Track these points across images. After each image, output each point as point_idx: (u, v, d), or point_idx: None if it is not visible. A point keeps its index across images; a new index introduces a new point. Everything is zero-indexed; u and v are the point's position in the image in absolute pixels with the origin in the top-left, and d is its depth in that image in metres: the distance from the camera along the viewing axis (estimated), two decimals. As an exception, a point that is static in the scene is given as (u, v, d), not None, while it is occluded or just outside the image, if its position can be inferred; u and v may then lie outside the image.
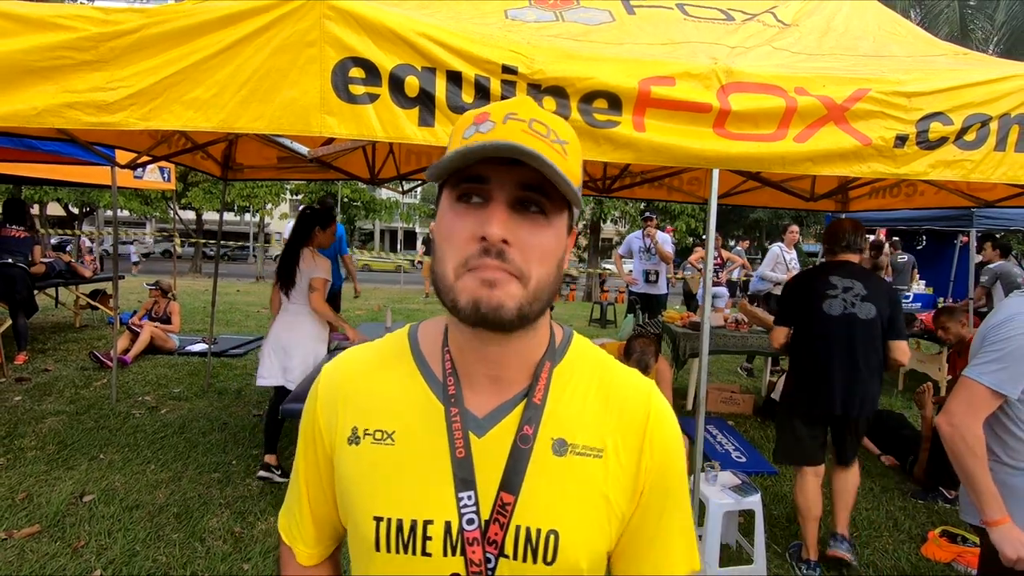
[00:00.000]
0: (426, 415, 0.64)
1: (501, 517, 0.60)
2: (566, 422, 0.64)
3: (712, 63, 1.98)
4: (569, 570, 0.61)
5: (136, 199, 19.38)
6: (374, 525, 0.61)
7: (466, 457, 0.62)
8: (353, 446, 0.65)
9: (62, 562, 2.46)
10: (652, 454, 0.65)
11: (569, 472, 0.62)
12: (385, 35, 1.80)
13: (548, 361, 0.66)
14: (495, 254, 0.55)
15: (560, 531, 0.60)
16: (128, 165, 3.97)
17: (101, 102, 1.74)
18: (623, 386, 0.68)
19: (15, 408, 4.27)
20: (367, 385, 0.68)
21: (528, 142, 0.54)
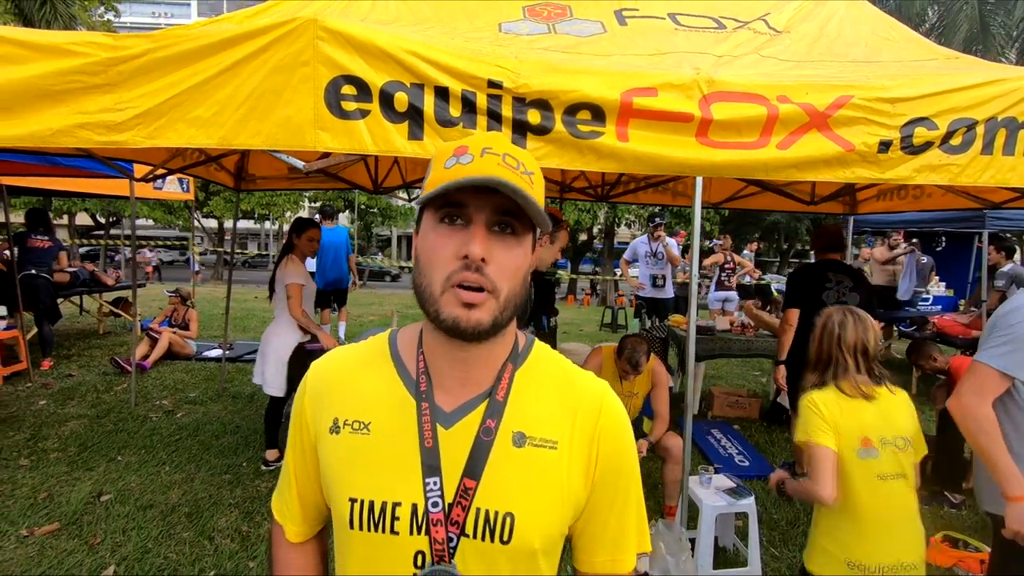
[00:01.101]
0: (399, 409, 0.72)
1: (464, 500, 0.68)
2: (525, 417, 0.72)
3: (695, 73, 2.03)
4: (524, 549, 0.68)
5: (160, 208, 19.91)
6: (349, 505, 0.69)
7: (434, 447, 0.69)
8: (334, 435, 0.73)
9: (79, 558, 2.58)
10: (602, 446, 0.73)
11: (526, 462, 0.70)
12: (375, 53, 1.88)
13: (511, 364, 0.74)
14: (475, 269, 0.64)
15: (516, 514, 0.68)
16: (144, 178, 4.13)
17: (110, 122, 1.85)
18: (579, 386, 0.76)
19: (40, 412, 4.45)
20: (349, 381, 0.76)
21: (504, 174, 0.63)
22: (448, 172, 0.65)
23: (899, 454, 1.69)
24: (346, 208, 21.73)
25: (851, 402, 1.74)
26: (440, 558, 0.67)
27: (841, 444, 1.70)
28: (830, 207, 5.03)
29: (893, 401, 1.76)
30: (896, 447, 1.70)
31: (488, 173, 0.63)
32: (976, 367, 1.65)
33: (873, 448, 1.69)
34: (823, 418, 1.72)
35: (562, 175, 5.05)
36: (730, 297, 7.06)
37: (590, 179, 5.10)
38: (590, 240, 19.68)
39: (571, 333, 9.25)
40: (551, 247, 2.98)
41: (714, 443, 4.22)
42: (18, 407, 4.53)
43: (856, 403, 1.74)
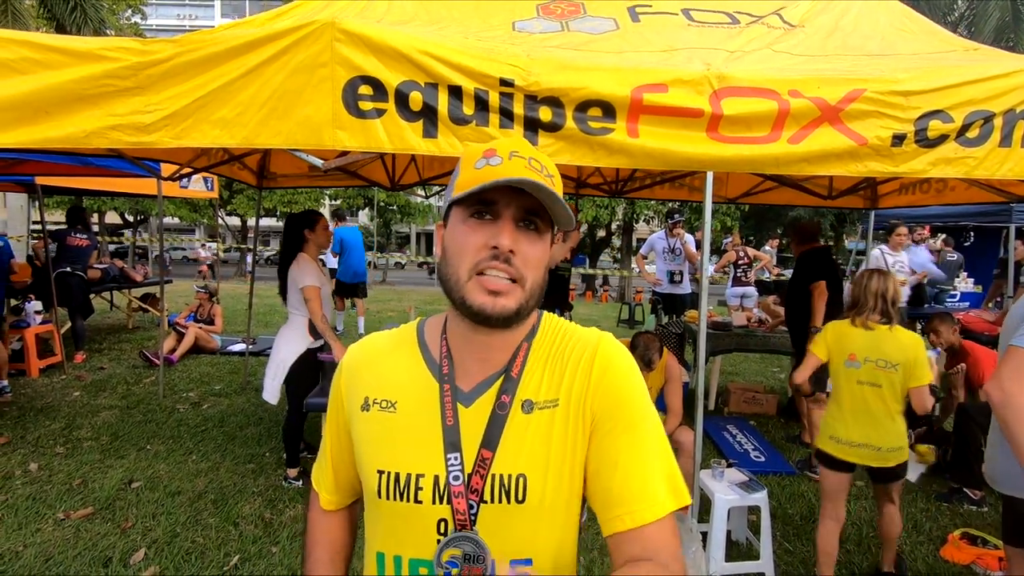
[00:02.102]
0: (423, 390, 0.78)
1: (481, 469, 0.73)
2: (532, 385, 0.77)
3: (705, 69, 2.04)
4: (536, 505, 0.73)
5: (185, 207, 20.38)
6: (377, 477, 0.76)
7: (454, 425, 0.75)
8: (364, 412, 0.80)
9: (112, 541, 2.70)
10: (596, 393, 0.75)
11: (534, 426, 0.75)
12: (390, 54, 1.94)
13: (526, 342, 0.80)
14: (503, 259, 0.69)
15: (527, 474, 0.73)
16: (171, 177, 4.27)
17: (140, 124, 1.94)
18: (575, 341, 0.80)
19: (74, 402, 4.63)
20: (380, 364, 0.83)
21: (533, 176, 0.69)
22: (480, 173, 0.70)
23: (877, 370, 2.33)
24: (366, 205, 21.96)
25: (852, 329, 2.41)
26: (462, 526, 0.73)
27: (833, 356, 2.45)
28: (850, 201, 4.96)
29: (887, 335, 2.36)
30: (876, 365, 2.33)
31: (518, 175, 0.68)
32: (1015, 352, 1.59)
33: (856, 362, 2.38)
34: (823, 337, 2.49)
35: (578, 171, 5.06)
36: (748, 293, 7.00)
37: (605, 175, 5.11)
38: (608, 236, 19.61)
39: (588, 329, 9.26)
40: (562, 245, 3.00)
41: (729, 439, 4.21)
42: (54, 398, 4.72)
43: (856, 331, 2.40)
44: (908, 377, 2.29)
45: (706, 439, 4.23)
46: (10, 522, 2.82)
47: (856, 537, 2.99)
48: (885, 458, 2.32)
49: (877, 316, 2.38)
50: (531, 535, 0.74)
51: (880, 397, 2.32)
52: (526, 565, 0.74)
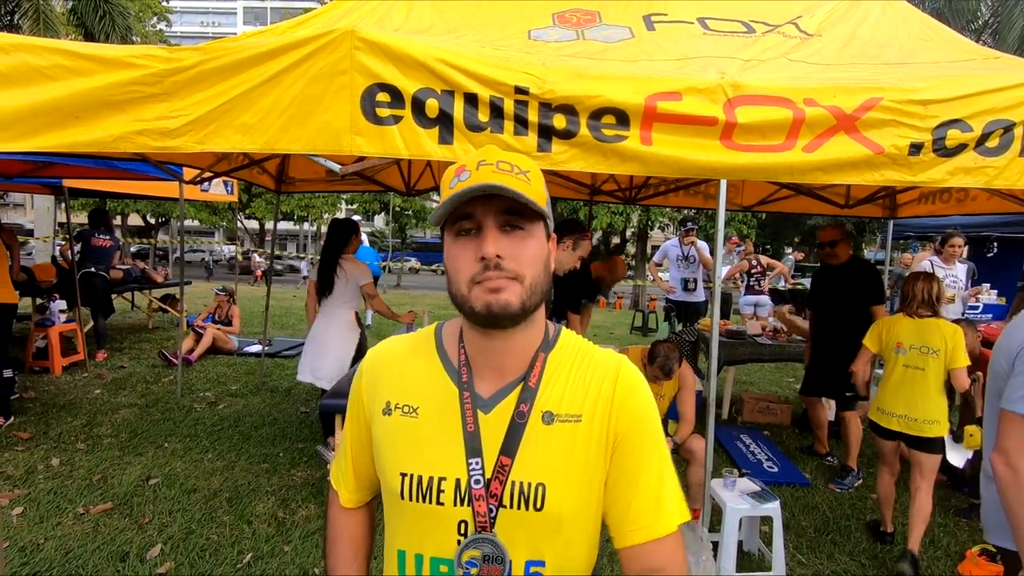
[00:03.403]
0: (444, 396, 0.80)
1: (501, 475, 0.76)
2: (553, 398, 0.79)
3: (719, 77, 2.05)
4: (554, 515, 0.75)
5: (205, 210, 20.76)
6: (400, 479, 0.78)
7: (475, 431, 0.77)
8: (386, 416, 0.82)
9: (129, 536, 2.76)
10: (619, 414, 0.79)
11: (555, 437, 0.77)
12: (408, 62, 1.97)
13: (543, 352, 0.81)
14: (494, 267, 0.71)
15: (547, 483, 0.75)
16: (193, 180, 4.37)
17: (165, 129, 2.00)
18: (598, 363, 0.82)
19: (95, 400, 4.73)
20: (400, 368, 0.85)
21: (498, 179, 0.71)
22: (452, 191, 0.73)
23: (921, 356, 2.81)
24: (382, 210, 22.18)
25: (901, 321, 2.91)
26: (482, 528, 0.75)
27: (885, 344, 2.95)
28: (868, 210, 4.91)
29: (932, 325, 2.82)
30: (920, 351, 2.81)
31: (480, 181, 0.71)
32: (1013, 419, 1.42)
33: (903, 348, 2.86)
34: (876, 331, 3.01)
35: (592, 178, 5.08)
36: (761, 301, 6.93)
37: (619, 182, 5.11)
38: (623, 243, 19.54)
39: (601, 336, 9.24)
40: (571, 253, 2.99)
41: (743, 448, 4.17)
42: (75, 395, 4.83)
43: (904, 322, 2.89)
44: (949, 360, 2.76)
45: (719, 448, 4.19)
46: (32, 515, 2.89)
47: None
48: (920, 428, 2.77)
49: (924, 309, 2.86)
50: (549, 540, 0.76)
51: (923, 378, 2.79)
52: (540, 566, 0.76)
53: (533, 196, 0.73)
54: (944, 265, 5.22)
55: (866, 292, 3.69)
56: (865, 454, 4.26)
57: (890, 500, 3.04)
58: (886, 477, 3.03)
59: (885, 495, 3.04)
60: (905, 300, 2.93)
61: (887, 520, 3.04)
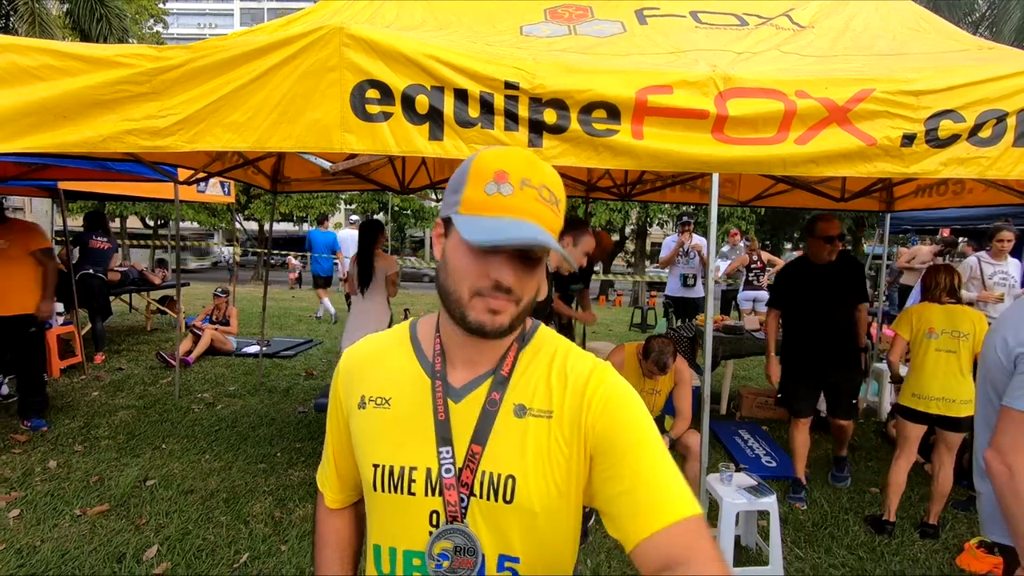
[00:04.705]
0: (416, 386, 0.80)
1: (471, 464, 0.76)
2: (526, 391, 0.79)
3: (710, 70, 2.04)
4: (524, 508, 0.75)
5: (204, 211, 20.71)
6: (373, 470, 0.78)
7: (446, 420, 0.78)
8: (361, 410, 0.82)
9: (126, 537, 2.76)
10: (593, 417, 0.76)
11: (526, 430, 0.76)
12: (397, 58, 1.96)
13: (516, 343, 0.82)
14: (504, 291, 0.71)
15: (516, 476, 0.75)
16: (187, 181, 4.36)
17: (154, 128, 1.99)
18: (575, 364, 0.81)
19: (93, 402, 4.73)
20: (374, 363, 0.85)
21: (539, 212, 0.70)
22: (490, 200, 0.69)
23: (952, 339, 2.94)
24: (380, 210, 22.16)
25: (930, 308, 3.03)
26: (453, 518, 0.75)
27: (916, 330, 3.04)
28: (864, 204, 4.90)
29: (959, 312, 2.99)
30: (951, 335, 2.94)
31: (525, 217, 0.69)
32: (1012, 415, 1.37)
33: (935, 333, 2.97)
34: (907, 319, 3.10)
35: (588, 174, 5.07)
36: (760, 297, 6.90)
37: (615, 178, 5.10)
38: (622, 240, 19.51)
39: (600, 333, 9.23)
40: (574, 249, 2.96)
41: (741, 443, 4.17)
42: (73, 397, 4.83)
43: (934, 309, 3.02)
44: (976, 343, 2.89)
45: (717, 444, 4.19)
46: (29, 517, 2.89)
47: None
48: (958, 409, 2.89)
49: (949, 297, 3.03)
50: (521, 534, 0.76)
51: (956, 360, 2.92)
52: (514, 563, 0.75)
53: (556, 232, 0.73)
54: (993, 261, 4.76)
55: (856, 290, 3.45)
56: (865, 447, 4.27)
57: (901, 489, 3.07)
58: (902, 464, 3.06)
59: (898, 483, 3.06)
60: (929, 289, 3.08)
61: (892, 509, 3.07)
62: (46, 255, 4.05)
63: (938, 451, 3.04)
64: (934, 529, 3.02)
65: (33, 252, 3.97)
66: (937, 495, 3.04)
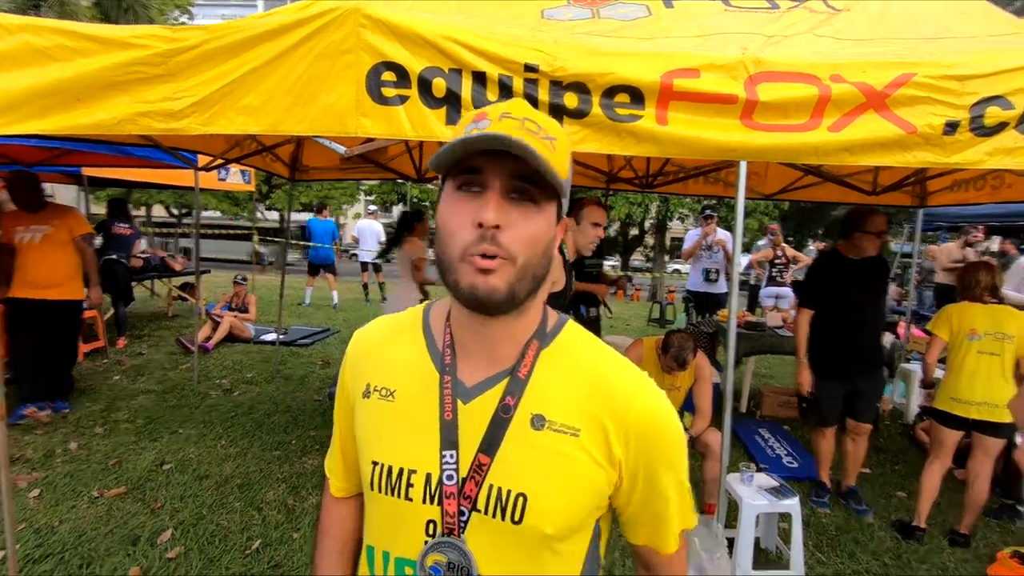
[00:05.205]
0: (424, 379, 0.73)
1: (477, 476, 0.67)
2: (547, 400, 0.69)
3: (740, 53, 1.95)
4: (534, 531, 0.66)
5: (227, 200, 20.98)
6: (371, 468, 0.72)
7: (453, 420, 0.69)
8: (365, 399, 0.76)
9: (141, 520, 2.78)
10: (634, 441, 0.69)
11: (544, 445, 0.68)
12: (414, 40, 1.91)
13: (536, 341, 0.72)
14: (490, 238, 0.62)
15: (529, 495, 0.66)
16: (206, 167, 4.37)
17: (169, 110, 1.96)
18: (615, 379, 0.72)
19: (114, 386, 4.80)
20: (382, 350, 0.78)
21: (520, 136, 0.61)
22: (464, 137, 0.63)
23: (995, 341, 2.81)
24: (399, 200, 22.22)
25: (972, 308, 2.89)
26: (450, 530, 0.67)
27: (956, 331, 2.90)
28: (896, 198, 4.72)
29: (1003, 312, 2.86)
30: (995, 337, 2.81)
31: (504, 134, 0.61)
32: None
33: (977, 335, 2.84)
34: (946, 320, 2.94)
35: (608, 164, 4.97)
36: (783, 294, 6.74)
37: (636, 168, 4.99)
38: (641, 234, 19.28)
39: (618, 327, 9.13)
40: (580, 228, 2.79)
41: (761, 443, 4.07)
42: (95, 381, 4.90)
43: (976, 309, 2.88)
44: (1020, 346, 2.79)
45: (737, 443, 4.09)
46: (48, 498, 2.93)
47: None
48: (1000, 414, 2.77)
49: (991, 296, 2.91)
50: (525, 559, 0.67)
51: (999, 363, 2.80)
52: None
53: (555, 166, 0.63)
54: None
55: (885, 288, 3.35)
56: (891, 450, 4.14)
57: (934, 495, 2.96)
58: (936, 469, 2.95)
59: (931, 489, 2.95)
60: (969, 288, 2.94)
61: (923, 515, 2.96)
62: (87, 241, 4.10)
63: (975, 458, 2.90)
64: (965, 538, 2.89)
65: (75, 238, 4.01)
66: (971, 504, 2.91)
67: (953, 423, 2.87)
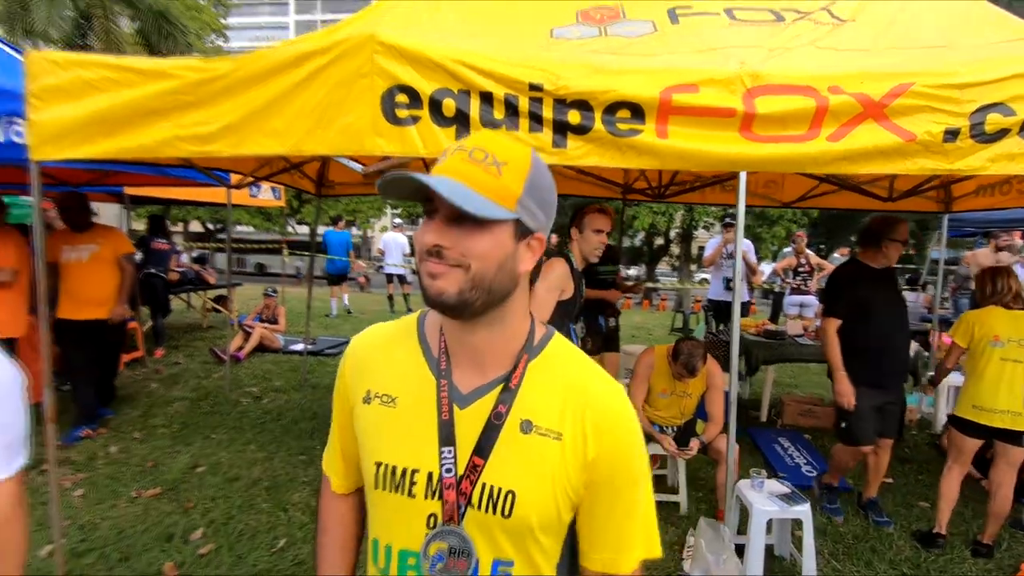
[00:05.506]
0: (422, 385, 0.80)
1: (472, 475, 0.75)
2: (534, 407, 0.77)
3: (738, 67, 2.01)
4: (522, 524, 0.74)
5: (259, 216, 21.68)
6: (375, 468, 0.79)
7: (450, 420, 0.77)
8: (366, 405, 0.82)
9: (175, 519, 2.94)
10: (603, 448, 0.77)
11: (531, 447, 0.76)
12: (425, 63, 2.03)
13: (526, 354, 0.80)
14: (435, 255, 0.70)
15: (517, 492, 0.74)
16: (237, 185, 4.60)
17: (202, 134, 2.13)
18: (591, 387, 0.80)
19: (152, 393, 5.05)
20: (381, 356, 0.85)
21: (462, 169, 0.69)
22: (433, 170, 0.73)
23: (1018, 348, 2.75)
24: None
25: (995, 313, 2.85)
26: (450, 518, 0.75)
27: (978, 338, 2.84)
28: (919, 204, 4.65)
29: None
30: (1018, 344, 2.75)
31: (444, 174, 0.70)
32: None
33: (1000, 342, 2.78)
34: (966, 327, 2.90)
35: (624, 177, 5.03)
36: (807, 302, 6.65)
37: (649, 179, 5.04)
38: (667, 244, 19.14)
39: (640, 336, 9.11)
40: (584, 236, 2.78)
41: (780, 452, 4.04)
42: (135, 389, 5.16)
43: (999, 316, 2.83)
44: None
45: (755, 451, 4.08)
46: (91, 497, 3.12)
47: (915, 560, 2.80)
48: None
49: (1016, 303, 2.86)
50: (516, 546, 0.76)
51: (1023, 370, 2.73)
52: (508, 566, 0.76)
53: (492, 191, 0.69)
54: None
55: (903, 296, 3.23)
56: (916, 460, 4.06)
57: (954, 501, 2.91)
58: (956, 475, 2.91)
59: (951, 495, 2.90)
60: (990, 294, 2.90)
61: (943, 522, 2.91)
62: (129, 260, 4.26)
63: (998, 467, 2.83)
64: (988, 549, 2.83)
65: (119, 256, 4.15)
66: (994, 514, 2.84)
67: (974, 431, 2.81)
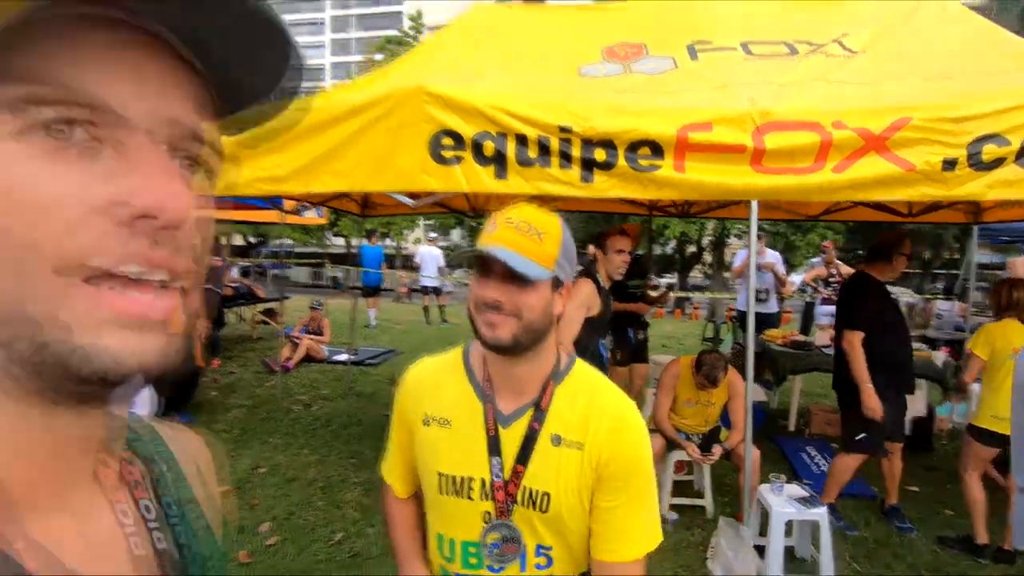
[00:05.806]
0: (471, 409, 0.99)
1: (515, 480, 0.95)
2: (561, 423, 0.96)
3: (748, 106, 2.23)
4: (556, 517, 0.95)
5: (299, 230, 22.60)
6: (438, 478, 0.98)
7: (495, 436, 0.97)
8: (426, 427, 1.01)
9: (244, 514, 3.27)
10: (612, 452, 0.94)
11: (560, 456, 0.95)
12: (468, 110, 2.32)
13: (552, 380, 0.99)
14: (494, 308, 0.89)
15: (551, 493, 0.94)
16: (293, 210, 5.01)
17: (276, 176, 2.46)
18: (603, 402, 0.98)
19: (211, 401, 5.46)
20: (434, 385, 1.04)
21: (512, 238, 0.88)
22: (484, 235, 0.91)
23: None
24: (456, 225, 23.09)
25: (1012, 324, 2.96)
26: (501, 513, 0.95)
27: (998, 350, 2.94)
28: (946, 215, 4.71)
29: None
30: None
31: (496, 242, 0.88)
32: None
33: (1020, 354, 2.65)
34: (987, 340, 3.00)
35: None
36: (838, 312, 6.66)
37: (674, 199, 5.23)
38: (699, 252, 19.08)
39: (671, 346, 9.21)
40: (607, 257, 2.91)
41: (807, 460, 4.15)
42: (198, 397, 5.58)
43: (1015, 326, 2.94)
44: None
45: (782, 459, 4.20)
46: (169, 494, 3.48)
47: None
48: None
49: None
50: (553, 534, 0.96)
51: None
52: (548, 550, 0.98)
53: (537, 256, 0.87)
54: None
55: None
56: (945, 469, 4.10)
57: (984, 504, 2.98)
58: (976, 479, 3.01)
59: (979, 499, 2.98)
60: (1005, 306, 3.01)
61: (981, 530, 2.97)
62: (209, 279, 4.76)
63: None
64: (1009, 555, 2.91)
65: None
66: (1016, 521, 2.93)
67: (992, 440, 2.90)
